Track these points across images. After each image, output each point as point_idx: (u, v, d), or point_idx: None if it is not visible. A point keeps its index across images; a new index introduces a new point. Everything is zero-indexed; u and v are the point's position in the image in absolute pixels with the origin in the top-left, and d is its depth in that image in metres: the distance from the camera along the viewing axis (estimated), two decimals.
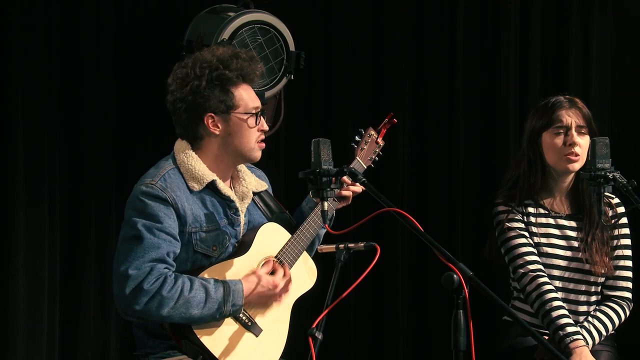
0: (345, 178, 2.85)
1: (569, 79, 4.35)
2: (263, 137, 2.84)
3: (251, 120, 2.79)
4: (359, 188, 2.94)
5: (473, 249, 4.23)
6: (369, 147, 3.08)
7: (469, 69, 4.40)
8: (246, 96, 2.80)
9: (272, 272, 2.78)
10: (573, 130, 3.18)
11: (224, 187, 2.80)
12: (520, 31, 4.40)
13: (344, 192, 2.93)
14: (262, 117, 2.82)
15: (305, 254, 2.88)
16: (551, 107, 3.22)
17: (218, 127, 2.77)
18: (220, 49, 2.81)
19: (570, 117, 3.19)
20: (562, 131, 3.19)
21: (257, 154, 2.82)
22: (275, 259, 2.81)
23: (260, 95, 3.78)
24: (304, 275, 2.87)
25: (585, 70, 4.37)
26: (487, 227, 3.34)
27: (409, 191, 4.38)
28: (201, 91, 2.74)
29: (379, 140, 3.11)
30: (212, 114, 2.76)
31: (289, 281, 2.78)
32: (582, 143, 3.17)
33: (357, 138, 3.08)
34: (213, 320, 2.66)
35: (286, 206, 3.06)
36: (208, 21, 3.81)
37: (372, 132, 3.10)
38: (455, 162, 4.38)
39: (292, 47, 3.83)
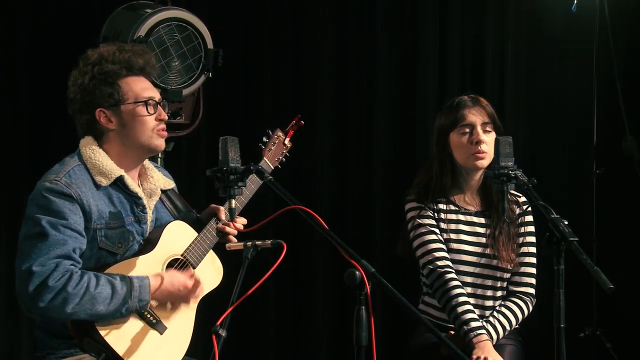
0: (220, 225, 2.84)
1: (484, 81, 4.44)
2: (163, 126, 2.81)
3: (142, 109, 2.76)
4: (234, 230, 2.87)
5: (392, 247, 4.28)
6: (276, 148, 3.10)
7: (390, 71, 4.45)
8: (136, 87, 2.78)
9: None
10: (478, 128, 3.25)
11: (131, 183, 2.78)
12: (439, 36, 4.47)
13: (227, 230, 2.88)
14: (158, 107, 2.79)
15: (211, 253, 2.87)
16: (456, 107, 3.28)
17: (112, 121, 2.76)
18: (106, 47, 2.80)
19: (474, 116, 3.26)
20: (467, 130, 3.26)
21: (158, 142, 2.79)
22: (181, 257, 2.81)
23: (177, 93, 3.77)
24: (210, 274, 2.86)
25: (501, 73, 4.46)
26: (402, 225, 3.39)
27: (328, 189, 4.41)
28: (86, 88, 2.73)
29: (287, 141, 3.13)
30: (103, 109, 2.75)
31: (197, 283, 2.77)
32: (488, 140, 3.24)
33: (264, 139, 3.09)
34: (119, 315, 2.63)
35: (207, 205, 3.04)
36: (124, 18, 3.76)
37: (280, 134, 3.12)
38: (375, 160, 4.44)
39: (210, 45, 3.80)
